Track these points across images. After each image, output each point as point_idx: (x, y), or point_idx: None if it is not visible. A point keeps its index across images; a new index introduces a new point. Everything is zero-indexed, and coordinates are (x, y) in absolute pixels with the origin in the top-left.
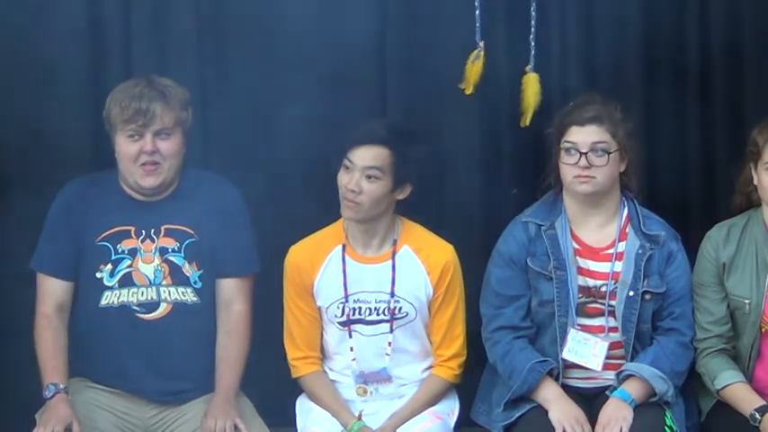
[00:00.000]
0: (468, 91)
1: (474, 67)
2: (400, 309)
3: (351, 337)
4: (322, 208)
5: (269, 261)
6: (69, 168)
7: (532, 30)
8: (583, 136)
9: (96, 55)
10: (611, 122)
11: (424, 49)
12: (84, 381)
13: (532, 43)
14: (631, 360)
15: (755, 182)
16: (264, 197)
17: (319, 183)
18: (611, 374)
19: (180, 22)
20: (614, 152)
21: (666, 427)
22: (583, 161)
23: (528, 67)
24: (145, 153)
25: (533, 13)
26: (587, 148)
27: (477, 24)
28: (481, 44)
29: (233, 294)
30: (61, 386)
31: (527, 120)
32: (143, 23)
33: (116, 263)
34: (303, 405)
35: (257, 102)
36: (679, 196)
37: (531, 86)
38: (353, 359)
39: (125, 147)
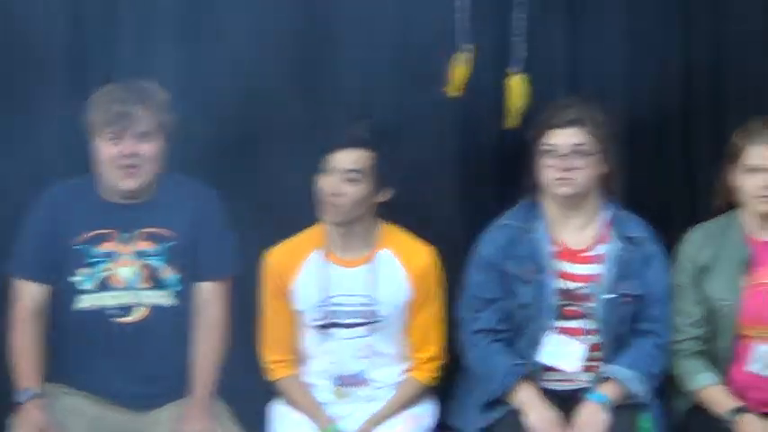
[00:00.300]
0: (454, 94)
1: (458, 70)
2: (379, 312)
3: (328, 340)
4: (304, 211)
5: (247, 264)
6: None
7: (518, 32)
8: (563, 138)
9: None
10: (592, 124)
11: (407, 50)
12: (58, 386)
13: (518, 45)
14: (608, 362)
15: (735, 183)
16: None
17: (301, 185)
18: (588, 376)
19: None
20: (595, 154)
21: (642, 429)
22: (563, 163)
23: (513, 69)
24: (124, 156)
25: (519, 15)
26: (568, 150)
27: (461, 26)
28: (465, 47)
29: (210, 298)
30: (36, 391)
31: (513, 121)
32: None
33: (93, 266)
34: (279, 409)
35: (241, 108)
36: (659, 198)
37: (517, 88)
38: (330, 362)
39: (105, 149)
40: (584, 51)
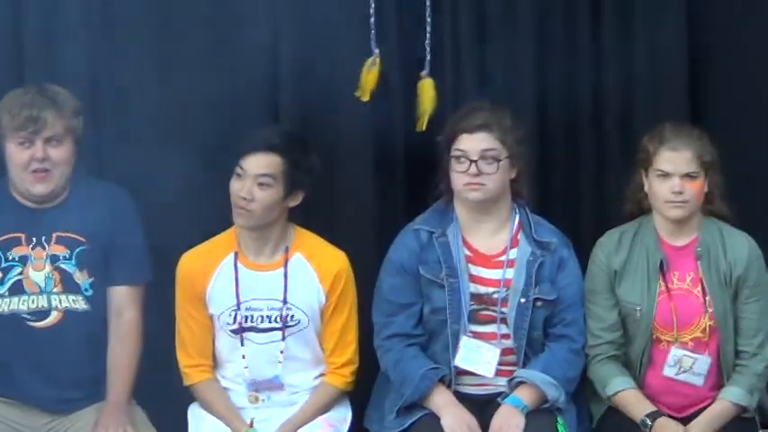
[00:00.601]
0: (365, 98)
1: (370, 74)
2: (292, 316)
3: (243, 344)
4: (215, 215)
5: (161, 269)
6: None
7: (428, 35)
8: (472, 143)
9: None
10: (501, 129)
11: (318, 55)
12: None
13: (427, 49)
14: (523, 366)
15: (646, 188)
16: (156, 204)
17: (213, 190)
18: (503, 381)
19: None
20: (504, 159)
21: None
22: (473, 169)
23: (423, 73)
24: (35, 160)
25: (428, 19)
26: (477, 156)
27: (373, 31)
28: (376, 51)
29: (124, 302)
30: None
31: (423, 124)
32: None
33: (6, 270)
34: (195, 413)
35: (150, 105)
36: (570, 202)
37: (427, 91)
38: (245, 367)
39: (16, 154)
40: (495, 55)
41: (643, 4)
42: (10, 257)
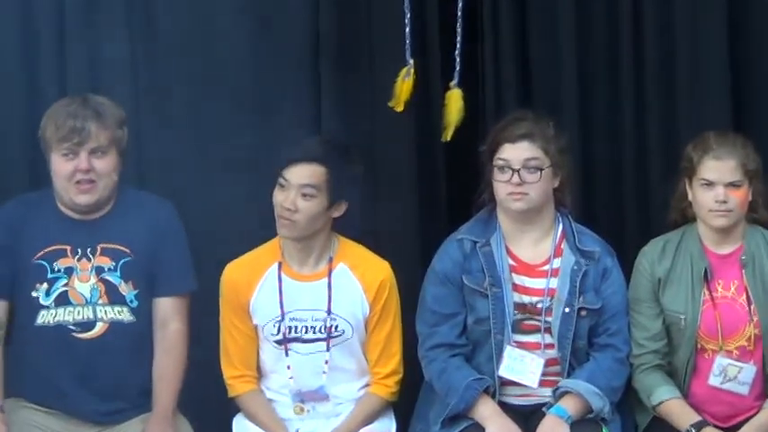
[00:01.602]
0: (399, 108)
1: (404, 85)
2: (337, 327)
3: (287, 355)
4: (260, 226)
5: (206, 279)
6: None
7: (458, 46)
8: (515, 153)
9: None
10: (543, 139)
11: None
12: (19, 401)
13: (458, 59)
14: (568, 376)
15: (690, 198)
16: (204, 214)
17: (258, 200)
18: (547, 391)
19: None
20: (547, 168)
21: None
22: (515, 178)
23: (452, 83)
24: (80, 171)
25: (459, 30)
26: (520, 165)
27: (407, 41)
28: (411, 62)
29: (169, 313)
30: None
31: (448, 135)
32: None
33: (52, 282)
34: (240, 424)
35: (192, 117)
36: (614, 211)
37: (455, 102)
38: (290, 377)
39: (60, 165)
40: (537, 65)
41: (684, 13)
42: (56, 269)
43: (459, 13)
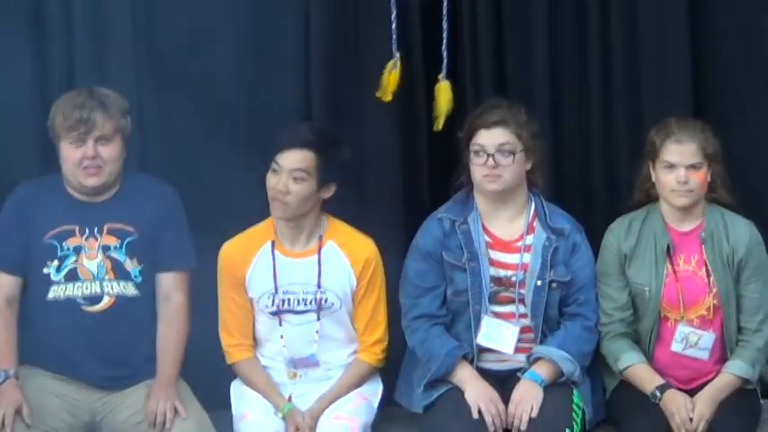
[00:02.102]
0: (387, 99)
1: (391, 77)
2: (326, 299)
3: (281, 325)
4: (255, 206)
5: (206, 255)
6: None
7: (444, 40)
8: (490, 138)
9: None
10: (516, 124)
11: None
12: (33, 368)
13: (445, 53)
14: (540, 343)
15: (654, 179)
16: (201, 195)
17: (252, 183)
18: (522, 357)
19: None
20: (519, 152)
21: (574, 405)
22: (490, 162)
23: (440, 76)
24: (87, 158)
25: (445, 25)
26: (494, 150)
27: (394, 36)
28: (397, 55)
29: (172, 287)
30: (11, 371)
31: (440, 124)
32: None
33: (62, 259)
34: (237, 389)
35: (188, 98)
36: (583, 191)
37: (444, 93)
38: (284, 346)
39: (69, 152)
40: (510, 53)
41: (647, 6)
42: (65, 247)
43: (445, 11)
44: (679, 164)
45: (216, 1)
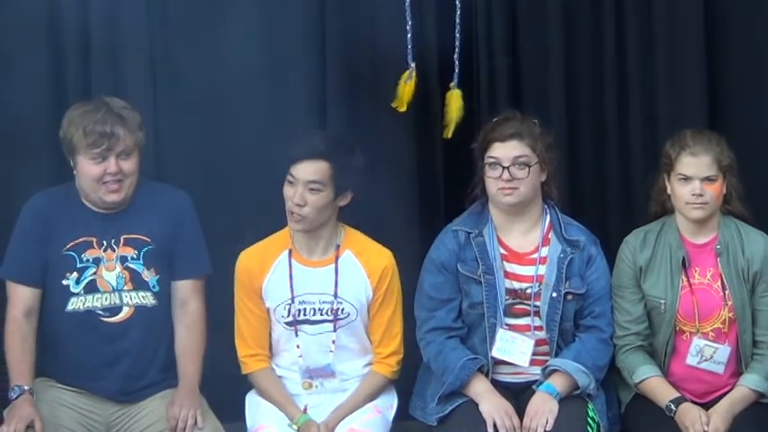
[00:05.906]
0: (402, 108)
1: (406, 87)
2: (342, 309)
3: (297, 335)
4: (270, 216)
5: (220, 265)
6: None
7: (456, 49)
8: (504, 151)
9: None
10: (531, 137)
11: (361, 68)
12: (49, 381)
13: (456, 62)
14: (556, 356)
15: (669, 191)
16: (216, 206)
17: (268, 193)
18: (537, 370)
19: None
20: (534, 164)
21: (589, 418)
22: (506, 174)
23: (452, 84)
24: (109, 174)
25: (457, 35)
26: (509, 162)
27: (409, 47)
28: (412, 65)
29: (189, 294)
30: (26, 387)
31: (450, 132)
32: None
33: (81, 271)
34: (252, 400)
35: (204, 109)
36: (598, 203)
37: (455, 102)
38: (299, 356)
39: (89, 168)
40: (525, 66)
41: (663, 13)
42: (84, 259)
43: (458, 20)
44: (694, 176)
45: (231, 17)
